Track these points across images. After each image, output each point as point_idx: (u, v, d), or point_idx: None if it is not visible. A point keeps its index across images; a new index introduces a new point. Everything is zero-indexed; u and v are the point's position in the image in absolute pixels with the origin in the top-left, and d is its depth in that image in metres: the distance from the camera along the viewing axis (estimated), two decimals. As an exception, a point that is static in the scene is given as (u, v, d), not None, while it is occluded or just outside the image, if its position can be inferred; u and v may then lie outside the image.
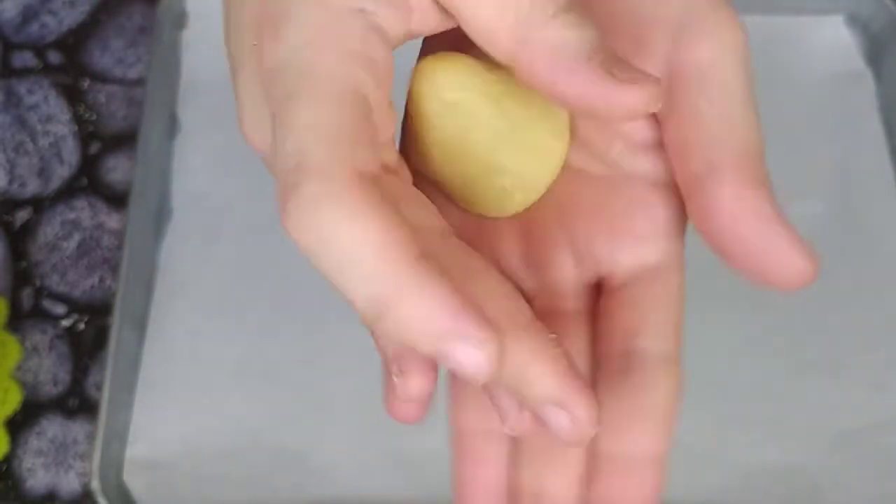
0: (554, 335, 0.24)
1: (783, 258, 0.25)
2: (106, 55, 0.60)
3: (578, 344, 0.27)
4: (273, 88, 0.23)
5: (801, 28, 0.59)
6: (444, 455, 0.49)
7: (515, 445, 0.27)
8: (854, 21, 0.59)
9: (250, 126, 0.26)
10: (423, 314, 0.21)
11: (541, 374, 0.23)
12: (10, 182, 0.56)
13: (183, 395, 0.50)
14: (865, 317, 0.52)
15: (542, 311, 0.27)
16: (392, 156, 0.25)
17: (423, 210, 0.25)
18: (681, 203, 0.27)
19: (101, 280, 0.54)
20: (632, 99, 0.24)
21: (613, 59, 0.24)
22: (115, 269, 0.54)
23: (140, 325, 0.52)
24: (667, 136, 0.26)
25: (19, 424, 0.50)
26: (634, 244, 0.28)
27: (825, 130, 0.57)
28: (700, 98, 0.25)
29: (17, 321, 0.53)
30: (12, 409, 0.50)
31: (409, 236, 0.21)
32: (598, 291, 0.28)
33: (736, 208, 0.25)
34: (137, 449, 0.49)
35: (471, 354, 0.21)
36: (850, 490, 0.48)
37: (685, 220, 0.28)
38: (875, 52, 0.59)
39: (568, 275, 0.28)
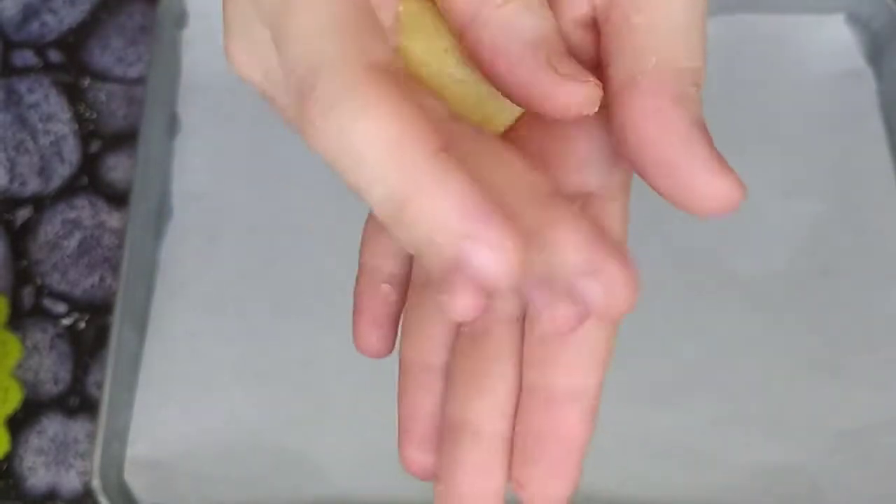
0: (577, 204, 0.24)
1: (699, 180, 0.23)
2: (106, 54, 0.60)
3: None
4: (264, 3, 0.23)
5: (801, 27, 0.59)
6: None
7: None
8: (855, 20, 0.59)
9: (238, 49, 0.25)
10: (444, 211, 0.20)
11: (568, 244, 0.21)
12: (11, 181, 0.56)
13: (183, 394, 0.50)
14: (866, 316, 0.52)
15: None
16: (392, 44, 0.24)
17: (430, 97, 0.23)
18: None
19: (102, 279, 0.54)
20: (569, 99, 0.23)
21: (560, 54, 0.23)
22: (115, 268, 0.54)
23: (140, 324, 0.52)
24: (600, 48, 0.25)
25: (20, 423, 0.50)
26: (576, 169, 0.26)
27: (826, 129, 0.57)
28: (630, 6, 0.24)
29: (18, 320, 0.53)
30: (13, 407, 0.50)
31: (428, 128, 0.20)
32: None
33: (649, 124, 0.23)
34: (138, 448, 0.49)
35: (492, 258, 0.19)
36: (851, 490, 0.48)
37: None
38: (875, 51, 0.59)
39: None
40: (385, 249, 0.29)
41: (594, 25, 0.25)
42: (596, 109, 0.23)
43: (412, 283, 0.29)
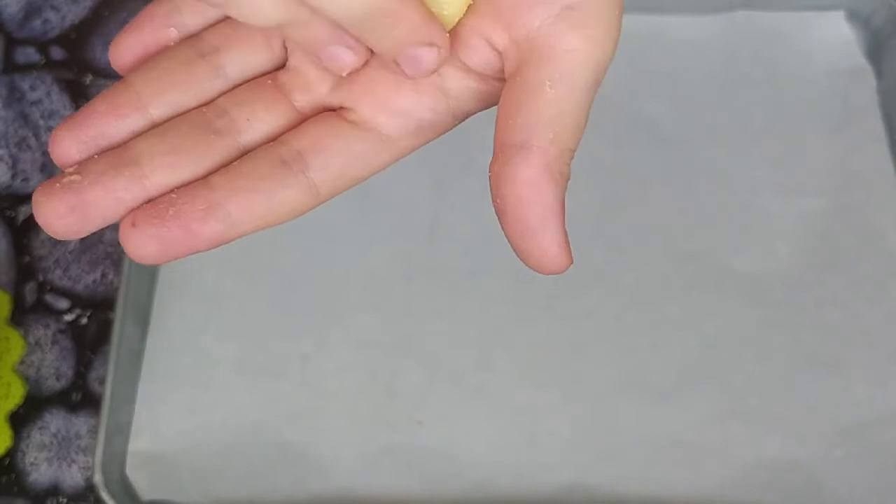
0: None
1: (545, 246, 0.28)
2: (108, 51, 0.60)
3: None
4: None
5: (802, 24, 0.59)
6: (443, 452, 0.49)
7: None
8: (855, 17, 0.59)
9: None
10: (415, 24, 0.25)
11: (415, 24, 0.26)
12: (13, 177, 0.57)
13: (185, 389, 0.51)
14: (866, 312, 0.52)
15: None
16: None
17: None
18: None
19: (104, 275, 0.54)
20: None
21: None
22: (117, 264, 0.54)
23: (143, 320, 0.52)
24: (504, 94, 0.28)
25: (22, 418, 0.51)
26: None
27: (826, 126, 0.57)
28: (546, 77, 0.27)
29: (21, 316, 0.53)
30: (15, 403, 0.50)
31: None
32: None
33: (528, 191, 0.27)
34: (140, 443, 0.49)
35: (433, 56, 0.26)
36: (850, 484, 0.48)
37: None
38: (876, 48, 0.59)
39: None
40: (199, 8, 0.30)
41: (499, 59, 0.28)
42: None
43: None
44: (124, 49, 0.30)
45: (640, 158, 0.56)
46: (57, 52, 0.60)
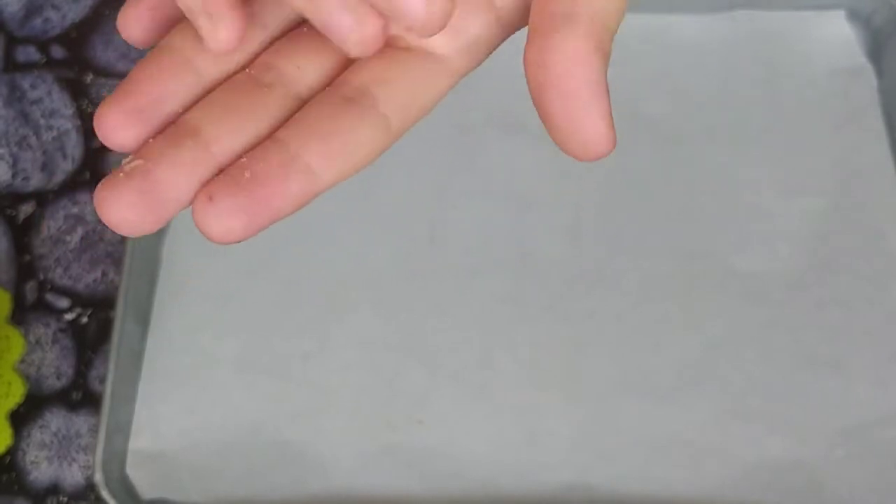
0: None
1: (595, 123, 0.26)
2: (109, 49, 0.60)
3: None
4: None
5: (802, 23, 0.59)
6: (444, 451, 0.49)
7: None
8: (855, 16, 0.59)
9: None
10: None
11: None
12: (14, 176, 0.57)
13: (185, 388, 0.51)
14: (867, 312, 0.52)
15: None
16: None
17: None
18: None
19: (104, 274, 0.54)
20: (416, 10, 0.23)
21: None
22: (118, 263, 0.54)
23: (143, 318, 0.52)
24: None
25: (23, 417, 0.51)
26: None
27: (826, 126, 0.57)
28: None
29: (21, 314, 0.53)
30: (16, 401, 0.50)
31: None
32: None
33: (575, 64, 0.25)
34: (140, 442, 0.49)
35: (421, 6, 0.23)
36: (852, 485, 0.48)
37: None
38: (876, 48, 0.59)
39: None
40: None
41: None
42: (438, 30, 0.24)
43: None
44: (133, 18, 0.27)
45: (640, 158, 0.56)
46: (57, 51, 0.60)
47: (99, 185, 0.23)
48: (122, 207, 0.23)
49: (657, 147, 0.57)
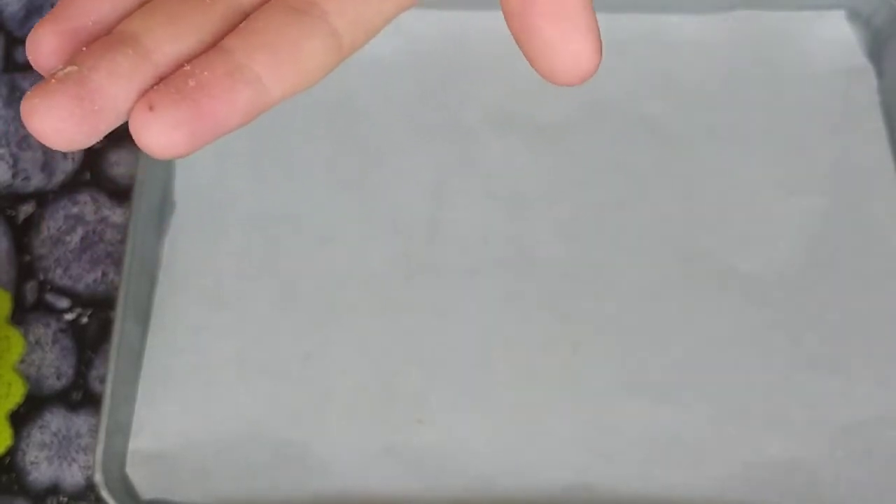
0: None
1: (583, 37, 0.23)
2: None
3: None
4: None
5: (802, 23, 0.59)
6: (443, 451, 0.49)
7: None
8: (856, 16, 0.59)
9: None
10: None
11: None
12: (14, 176, 0.57)
13: (185, 388, 0.51)
14: (867, 311, 0.52)
15: None
16: None
17: None
18: None
19: (104, 274, 0.54)
20: None
21: None
22: (118, 263, 0.54)
23: (143, 318, 0.52)
24: None
25: (23, 417, 0.51)
26: None
27: (826, 126, 0.57)
28: None
29: (21, 315, 0.53)
30: (16, 402, 0.50)
31: None
32: None
33: None
34: (140, 442, 0.49)
35: None
36: (851, 484, 0.48)
37: None
38: (877, 48, 0.59)
39: None
40: None
41: None
42: None
43: None
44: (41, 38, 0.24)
45: (640, 158, 0.57)
46: (57, 52, 0.60)
47: (28, 93, 0.21)
48: (54, 116, 0.21)
49: (657, 147, 0.57)
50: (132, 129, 0.21)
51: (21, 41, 0.60)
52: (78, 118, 0.21)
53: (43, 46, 0.22)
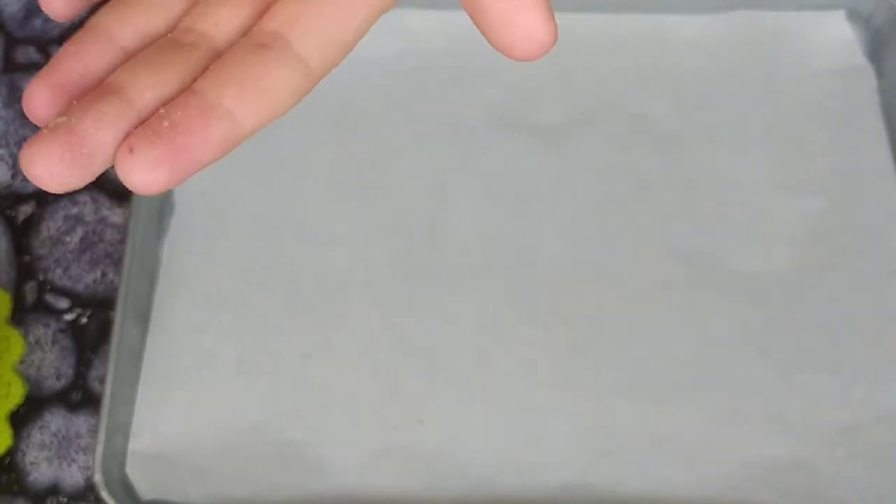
0: None
1: (526, 19, 0.24)
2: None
3: None
4: None
5: (802, 23, 0.59)
6: (444, 451, 0.49)
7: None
8: (855, 16, 0.59)
9: None
10: None
11: None
12: (14, 176, 0.57)
13: (185, 388, 0.51)
14: (866, 311, 0.52)
15: None
16: None
17: None
18: None
19: (104, 274, 0.54)
20: None
21: None
22: (117, 264, 0.54)
23: (143, 319, 0.52)
24: None
25: (22, 418, 0.51)
26: None
27: (826, 126, 0.57)
28: None
29: (21, 315, 0.53)
30: (15, 402, 0.50)
31: None
32: None
33: None
34: (140, 442, 0.49)
35: None
36: (851, 485, 0.48)
37: None
38: (876, 48, 0.59)
39: None
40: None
41: None
42: None
43: None
44: (37, 94, 0.26)
45: (640, 158, 0.57)
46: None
47: (24, 144, 0.24)
48: (47, 161, 0.23)
49: (657, 147, 0.57)
50: (118, 172, 0.23)
51: (21, 41, 0.60)
52: (68, 161, 0.23)
53: (36, 99, 0.25)
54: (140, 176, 0.23)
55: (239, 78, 0.25)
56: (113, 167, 0.24)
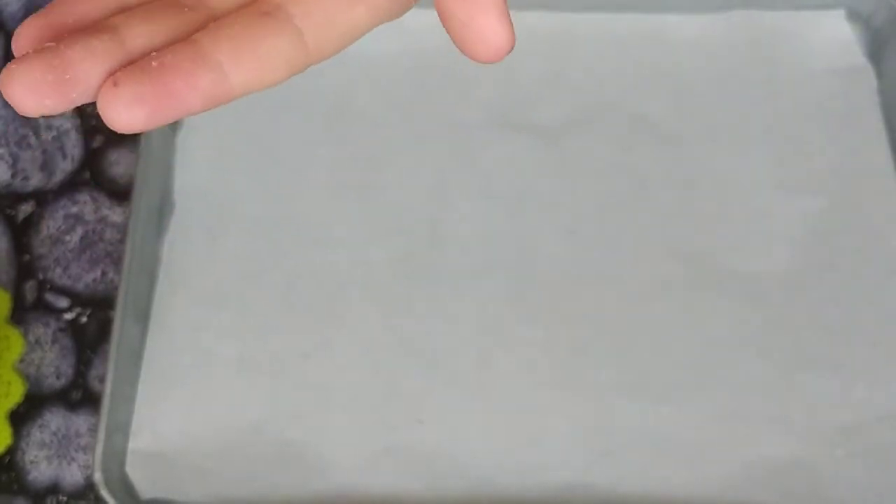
0: None
1: (484, 25, 0.25)
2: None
3: None
4: None
5: (802, 23, 0.59)
6: (444, 451, 0.49)
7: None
8: (855, 16, 0.59)
9: None
10: None
11: None
12: (14, 176, 0.57)
13: (185, 387, 0.51)
14: (866, 311, 0.52)
15: None
16: None
17: None
18: None
19: (104, 273, 0.54)
20: None
21: None
22: (117, 263, 0.54)
23: (143, 318, 0.52)
24: None
25: (22, 417, 0.51)
26: None
27: (826, 126, 0.57)
28: None
29: (21, 314, 0.53)
30: (15, 401, 0.50)
31: None
32: None
33: None
34: (140, 441, 0.49)
35: None
36: (851, 484, 0.48)
37: None
38: (876, 48, 0.59)
39: None
40: None
41: None
42: None
43: None
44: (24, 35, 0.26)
45: (640, 158, 0.57)
46: (57, 51, 0.60)
47: (8, 64, 0.23)
48: (28, 79, 0.23)
49: (657, 147, 0.57)
50: (98, 104, 0.23)
51: (21, 41, 0.60)
52: (50, 83, 0.23)
53: (24, 37, 0.24)
54: (120, 111, 0.23)
55: (236, 34, 0.25)
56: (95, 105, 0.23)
